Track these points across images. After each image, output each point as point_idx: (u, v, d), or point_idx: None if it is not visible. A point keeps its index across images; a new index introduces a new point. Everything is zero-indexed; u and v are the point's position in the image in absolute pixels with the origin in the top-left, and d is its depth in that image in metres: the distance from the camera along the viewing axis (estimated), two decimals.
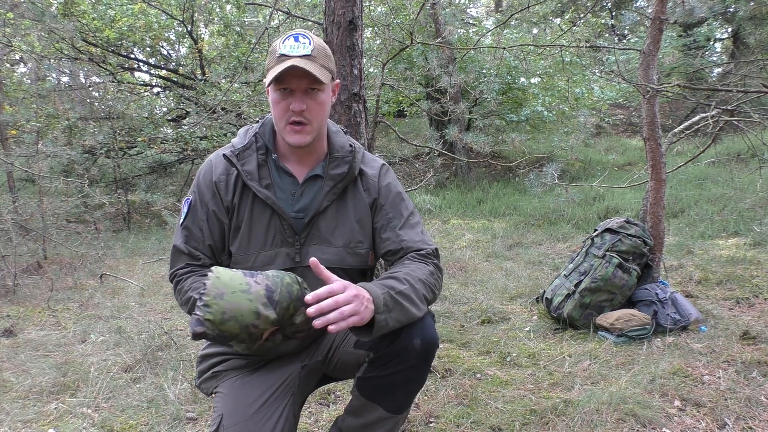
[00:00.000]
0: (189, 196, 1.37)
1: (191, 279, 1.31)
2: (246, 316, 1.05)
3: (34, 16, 5.52)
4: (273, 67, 1.25)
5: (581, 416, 1.88)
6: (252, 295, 1.06)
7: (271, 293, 1.08)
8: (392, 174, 1.47)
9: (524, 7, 4.19)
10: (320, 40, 1.29)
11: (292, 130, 1.28)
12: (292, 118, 1.27)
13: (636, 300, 2.88)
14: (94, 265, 4.83)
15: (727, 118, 3.27)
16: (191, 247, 1.34)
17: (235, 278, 1.08)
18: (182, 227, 1.35)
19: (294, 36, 1.26)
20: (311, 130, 1.29)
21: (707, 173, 7.25)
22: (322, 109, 1.30)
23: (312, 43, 1.26)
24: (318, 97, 1.28)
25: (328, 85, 1.30)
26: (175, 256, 1.36)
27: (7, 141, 5.17)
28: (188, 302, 1.28)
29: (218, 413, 1.31)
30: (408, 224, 1.39)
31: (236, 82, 6.76)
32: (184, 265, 1.34)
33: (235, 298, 1.05)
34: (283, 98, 1.27)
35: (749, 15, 8.62)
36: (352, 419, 1.34)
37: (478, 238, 5.48)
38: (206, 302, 1.04)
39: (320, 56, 1.27)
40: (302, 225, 1.34)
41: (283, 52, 1.24)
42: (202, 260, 1.34)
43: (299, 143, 1.29)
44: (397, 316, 1.16)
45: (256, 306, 1.05)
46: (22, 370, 2.54)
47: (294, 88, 1.26)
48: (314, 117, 1.28)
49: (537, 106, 8.82)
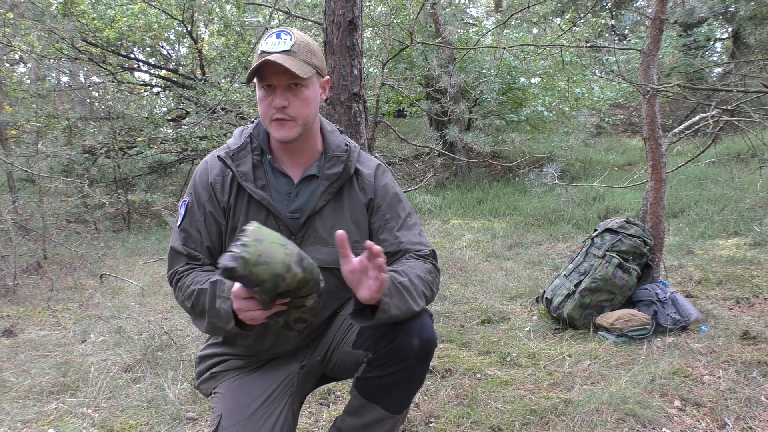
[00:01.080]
0: (186, 198, 1.37)
1: (193, 274, 1.30)
2: (279, 266, 1.07)
3: (34, 16, 5.52)
4: (254, 63, 1.25)
5: (581, 416, 1.88)
6: (288, 249, 1.09)
7: (302, 258, 1.11)
8: (389, 174, 1.46)
9: (524, 7, 4.20)
10: (305, 37, 1.28)
11: (277, 125, 1.28)
12: (275, 115, 1.27)
13: (636, 300, 2.88)
14: (94, 265, 4.83)
15: (727, 118, 3.27)
16: (190, 249, 1.33)
17: (274, 233, 1.12)
18: (180, 229, 1.35)
19: (276, 33, 1.25)
20: (295, 125, 1.28)
21: (707, 173, 7.25)
22: (306, 105, 1.28)
23: (293, 39, 1.25)
24: (301, 93, 1.27)
25: (312, 81, 1.29)
26: (174, 257, 1.35)
27: (7, 141, 5.17)
28: (192, 296, 1.25)
29: (217, 414, 1.31)
30: (405, 225, 1.39)
31: (236, 82, 6.75)
32: (183, 264, 1.33)
33: (272, 246, 1.07)
34: (267, 95, 1.27)
35: (749, 15, 8.62)
36: (352, 419, 1.34)
37: (478, 238, 5.48)
38: (245, 242, 1.06)
39: (302, 51, 1.25)
40: (298, 225, 1.34)
41: (263, 49, 1.24)
42: (202, 260, 1.34)
43: (284, 138, 1.28)
44: (398, 303, 1.16)
45: (289, 260, 1.08)
46: (22, 370, 2.54)
47: (275, 84, 1.25)
48: (298, 113, 1.27)
49: (537, 106, 8.81)
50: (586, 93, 9.06)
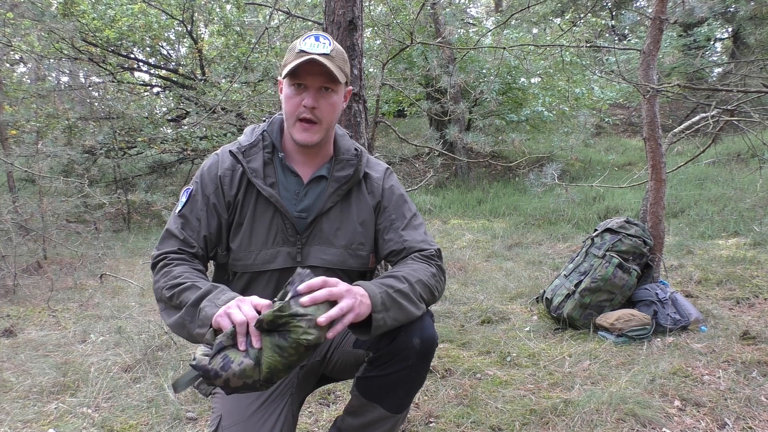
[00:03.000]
0: (190, 186, 1.36)
1: (184, 267, 1.25)
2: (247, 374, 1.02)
3: (34, 16, 5.52)
4: (291, 61, 1.25)
5: (581, 416, 1.88)
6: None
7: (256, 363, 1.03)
8: (395, 177, 1.49)
9: (524, 7, 4.19)
10: (339, 45, 1.32)
11: (302, 127, 1.29)
12: (303, 115, 1.28)
13: (636, 300, 2.88)
14: (94, 265, 4.83)
15: (727, 118, 3.27)
16: (186, 234, 1.30)
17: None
18: (179, 215, 1.32)
19: (315, 36, 1.28)
20: (320, 129, 1.30)
21: (707, 173, 7.25)
22: (333, 110, 1.31)
23: (332, 44, 1.28)
24: (331, 97, 1.29)
25: (341, 87, 1.32)
26: (167, 238, 1.31)
27: (7, 141, 5.17)
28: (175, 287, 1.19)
29: (217, 414, 1.31)
30: (411, 225, 1.40)
31: (236, 82, 6.76)
32: (176, 249, 1.29)
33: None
34: (297, 93, 1.28)
35: (749, 15, 8.62)
36: (352, 419, 1.34)
37: (478, 238, 5.48)
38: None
39: (338, 58, 1.29)
40: (305, 225, 1.34)
41: (302, 49, 1.25)
42: (195, 249, 1.30)
43: (307, 141, 1.30)
44: (395, 315, 1.17)
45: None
46: (22, 370, 2.54)
47: (308, 85, 1.27)
48: (324, 116, 1.29)
49: (537, 106, 8.82)
50: (586, 93, 9.06)
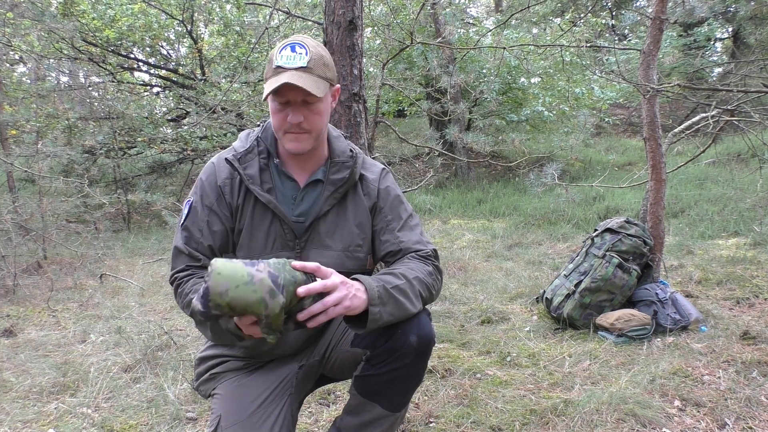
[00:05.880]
0: (190, 198, 1.37)
1: (191, 281, 1.30)
2: (254, 307, 1.03)
3: (34, 16, 5.52)
4: (270, 78, 1.24)
5: (581, 416, 1.88)
6: (256, 285, 1.04)
7: (275, 278, 1.06)
8: (391, 177, 1.48)
9: (524, 7, 4.19)
10: (318, 48, 1.28)
11: (291, 137, 1.29)
12: (290, 129, 1.28)
13: (636, 300, 2.88)
14: (94, 265, 4.83)
15: (728, 118, 3.27)
16: (191, 248, 1.33)
17: (236, 271, 1.05)
18: (182, 228, 1.35)
19: (291, 45, 1.24)
20: (309, 138, 1.30)
21: (707, 173, 7.25)
22: (320, 119, 1.30)
23: (308, 53, 1.24)
24: (315, 107, 1.27)
25: (326, 94, 1.30)
26: (176, 257, 1.36)
27: (7, 141, 5.17)
28: (189, 305, 1.25)
29: (216, 414, 1.31)
30: (407, 226, 1.40)
31: (236, 82, 6.76)
32: (184, 267, 1.33)
33: (239, 292, 1.02)
34: (281, 109, 1.27)
35: (749, 15, 8.62)
36: (351, 418, 1.34)
37: (478, 238, 5.47)
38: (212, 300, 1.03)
39: (317, 66, 1.25)
40: (303, 229, 1.34)
41: (279, 64, 1.23)
42: (202, 261, 1.34)
43: (298, 150, 1.30)
44: (391, 310, 1.17)
45: (261, 296, 1.03)
46: (22, 370, 2.54)
47: (291, 100, 1.25)
48: (313, 126, 1.29)
49: (537, 106, 8.82)
50: (586, 93, 9.06)
